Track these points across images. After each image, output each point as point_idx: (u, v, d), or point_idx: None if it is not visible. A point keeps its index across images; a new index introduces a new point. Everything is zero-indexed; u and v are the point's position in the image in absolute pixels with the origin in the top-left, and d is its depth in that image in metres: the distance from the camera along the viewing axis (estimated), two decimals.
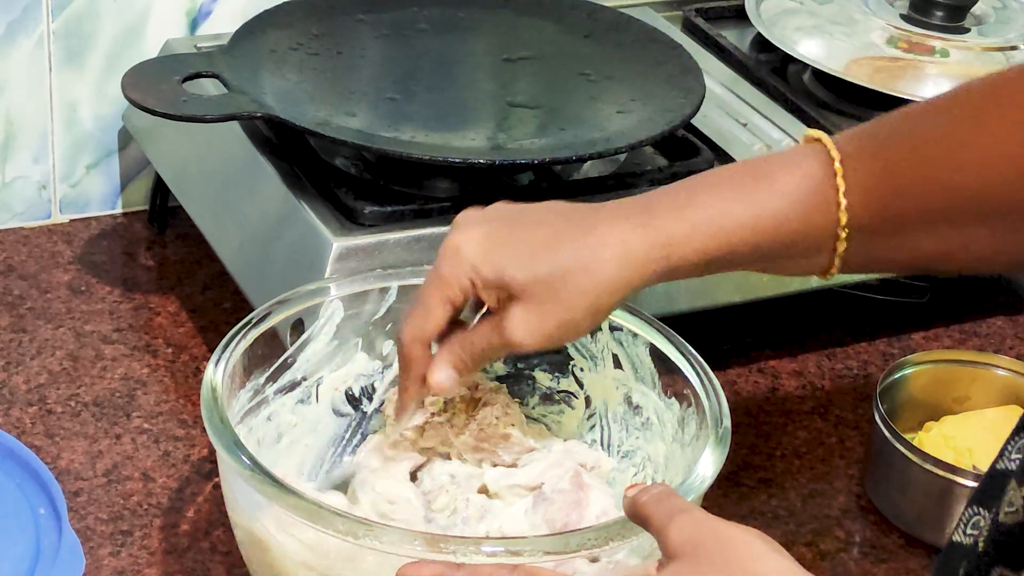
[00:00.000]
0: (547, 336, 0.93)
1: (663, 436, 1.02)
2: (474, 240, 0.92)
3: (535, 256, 0.91)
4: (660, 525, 0.79)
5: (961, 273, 1.15)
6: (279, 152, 1.18)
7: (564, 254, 0.91)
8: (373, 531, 0.85)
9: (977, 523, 0.77)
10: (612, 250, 0.91)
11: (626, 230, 0.91)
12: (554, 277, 0.91)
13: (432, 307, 0.93)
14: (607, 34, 1.30)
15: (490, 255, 0.92)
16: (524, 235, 0.93)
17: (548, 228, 0.93)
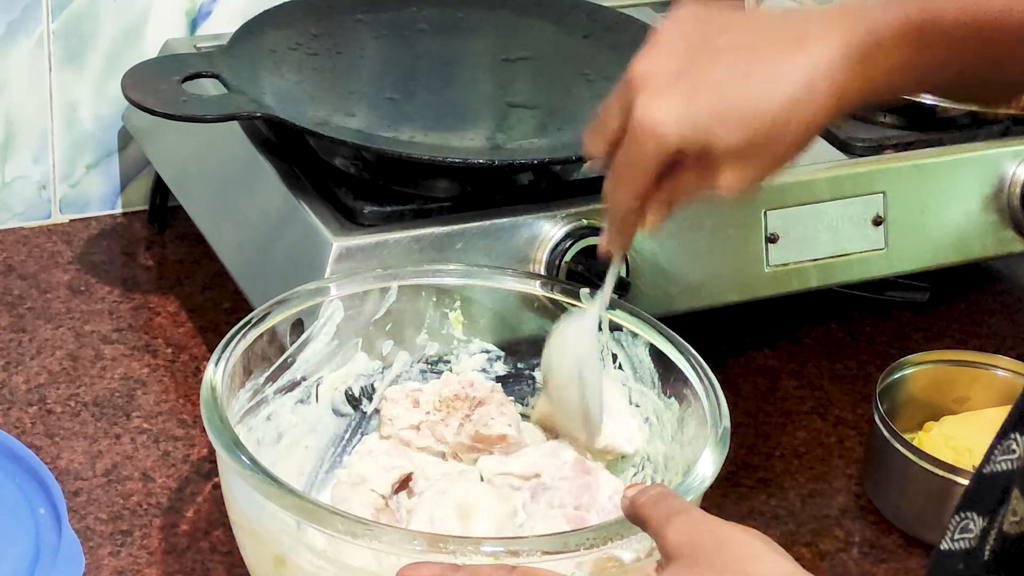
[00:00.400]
0: (760, 180, 0.89)
1: (662, 436, 1.02)
2: (674, 112, 0.86)
3: (746, 117, 0.86)
4: (658, 526, 0.79)
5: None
6: (279, 152, 1.18)
7: (776, 110, 0.86)
8: (372, 531, 0.85)
9: (967, 527, 0.77)
10: (826, 97, 0.85)
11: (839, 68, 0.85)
12: (769, 133, 0.86)
13: (644, 178, 0.88)
14: (606, 34, 1.30)
15: (696, 128, 0.86)
16: (725, 92, 0.86)
17: (750, 77, 0.86)
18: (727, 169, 0.88)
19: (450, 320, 1.07)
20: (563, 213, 1.12)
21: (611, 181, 0.91)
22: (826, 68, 0.85)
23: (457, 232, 1.10)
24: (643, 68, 0.88)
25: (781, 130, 0.86)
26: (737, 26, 0.89)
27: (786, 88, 0.86)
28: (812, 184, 1.19)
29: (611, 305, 1.05)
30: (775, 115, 0.86)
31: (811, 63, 0.86)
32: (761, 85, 0.86)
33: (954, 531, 0.78)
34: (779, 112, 0.86)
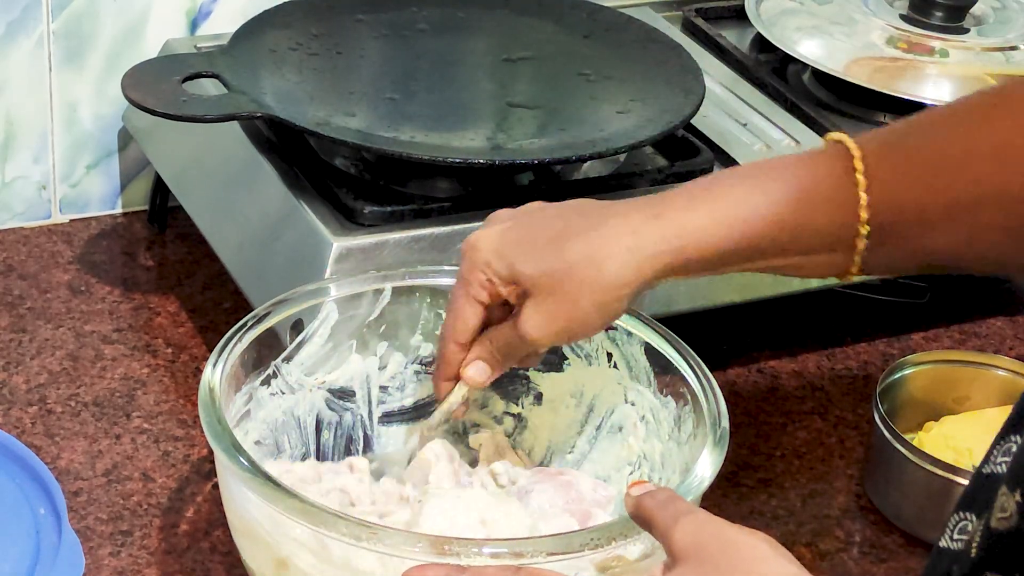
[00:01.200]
0: (557, 331, 0.93)
1: (659, 434, 1.02)
2: (490, 237, 0.94)
3: (543, 250, 0.92)
4: (664, 528, 0.79)
5: (977, 273, 1.14)
6: (279, 152, 1.18)
7: (571, 247, 0.92)
8: (376, 534, 0.85)
9: (965, 527, 0.77)
10: (621, 243, 0.91)
11: (637, 221, 0.91)
12: (560, 270, 0.91)
13: (460, 308, 0.95)
14: (607, 34, 1.30)
15: (502, 250, 0.93)
16: (537, 230, 0.94)
17: (561, 222, 0.93)
18: (528, 306, 0.93)
19: None
20: None
21: (446, 314, 0.98)
22: (623, 224, 0.91)
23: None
24: (492, 216, 0.97)
25: (576, 269, 0.91)
26: (566, 204, 0.96)
27: (586, 232, 0.92)
28: None
29: None
30: (572, 252, 0.92)
31: (613, 219, 0.92)
32: (567, 228, 0.93)
33: (952, 530, 0.78)
34: (577, 251, 0.91)
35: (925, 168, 0.89)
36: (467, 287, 0.94)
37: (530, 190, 1.17)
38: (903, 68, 1.35)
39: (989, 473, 0.78)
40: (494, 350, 0.96)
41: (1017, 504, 0.73)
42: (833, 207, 0.89)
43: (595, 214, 0.93)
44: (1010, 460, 0.77)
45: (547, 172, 1.19)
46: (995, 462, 0.78)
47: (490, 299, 0.95)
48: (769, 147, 1.25)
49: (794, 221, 0.90)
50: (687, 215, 0.91)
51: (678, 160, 1.21)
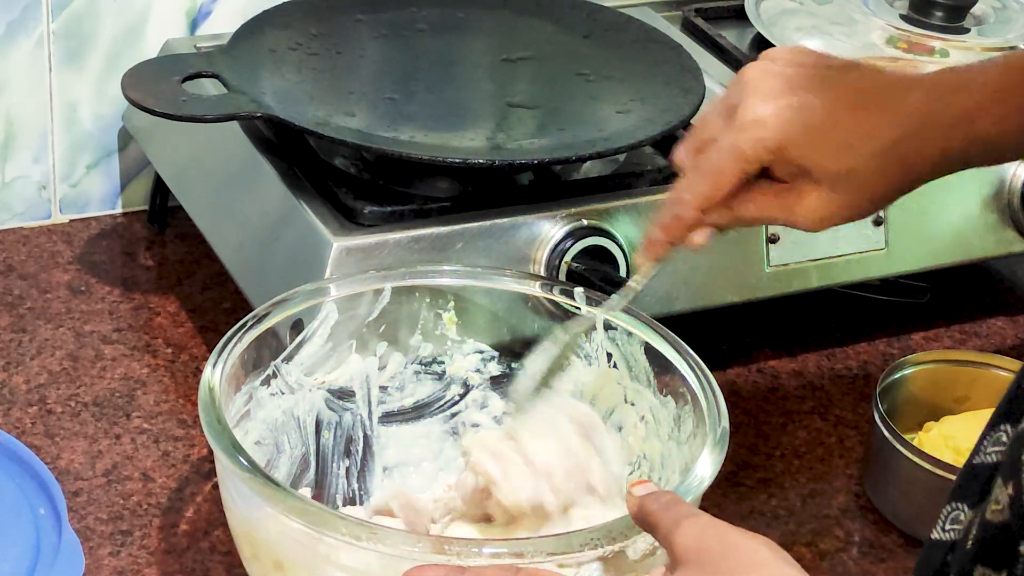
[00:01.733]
0: (836, 222, 0.89)
1: (658, 434, 1.02)
2: (781, 116, 0.86)
3: (848, 146, 0.86)
4: (666, 531, 0.79)
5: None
6: (279, 152, 1.18)
7: (886, 142, 0.86)
8: (376, 534, 0.85)
9: (957, 517, 0.77)
10: (935, 143, 0.87)
11: (944, 127, 0.87)
12: (873, 168, 0.87)
13: (727, 176, 0.88)
14: (606, 34, 1.30)
15: (802, 135, 0.86)
16: (839, 113, 0.87)
17: (865, 109, 0.87)
18: (811, 197, 0.87)
19: (444, 321, 1.07)
20: (563, 213, 1.12)
21: (690, 176, 0.89)
22: (932, 119, 0.86)
23: (457, 232, 1.10)
24: (758, 69, 0.88)
25: (885, 168, 0.87)
26: (850, 66, 0.90)
27: (898, 125, 0.86)
28: None
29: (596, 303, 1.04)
30: (883, 149, 0.86)
31: (918, 109, 0.87)
32: (872, 118, 0.86)
33: (944, 521, 0.78)
34: (888, 147, 0.86)
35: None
36: (744, 163, 0.86)
37: (530, 190, 1.17)
38: (903, 68, 1.35)
39: (979, 463, 0.78)
40: (733, 219, 0.89)
41: (1009, 497, 0.73)
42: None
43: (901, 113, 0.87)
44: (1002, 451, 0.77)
45: (547, 172, 1.19)
46: (985, 452, 0.78)
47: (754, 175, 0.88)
48: None
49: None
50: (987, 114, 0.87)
51: None
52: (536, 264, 1.11)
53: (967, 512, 0.77)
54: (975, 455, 0.78)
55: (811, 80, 0.88)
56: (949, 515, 0.78)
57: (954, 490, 0.79)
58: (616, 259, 1.12)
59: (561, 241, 1.11)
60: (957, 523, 0.77)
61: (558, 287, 1.06)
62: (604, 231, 1.12)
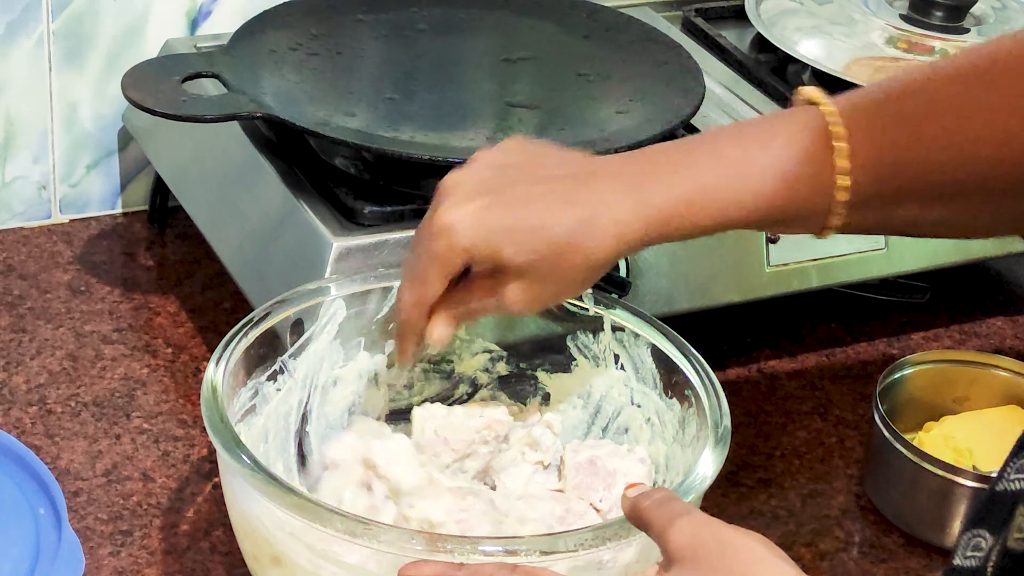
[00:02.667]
0: (542, 304, 0.94)
1: (663, 436, 1.02)
2: (468, 218, 0.91)
3: (532, 236, 0.91)
4: (661, 529, 0.79)
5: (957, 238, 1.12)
6: (279, 152, 1.18)
7: (560, 233, 0.91)
8: (371, 530, 0.85)
9: (979, 545, 0.77)
10: (608, 230, 0.91)
11: (623, 208, 0.91)
12: (552, 256, 0.91)
13: (431, 280, 0.93)
14: (606, 34, 1.30)
15: (486, 237, 0.91)
16: (518, 210, 0.91)
17: (543, 200, 0.92)
18: (513, 285, 0.92)
19: None
20: None
21: (401, 283, 0.96)
22: (608, 207, 0.91)
23: None
24: (453, 178, 0.94)
25: (563, 255, 0.91)
26: (547, 157, 0.95)
27: (571, 216, 0.91)
28: None
29: (612, 305, 1.05)
30: (558, 239, 0.91)
31: (597, 199, 0.91)
32: (550, 210, 0.91)
33: (965, 548, 0.77)
34: (562, 237, 0.91)
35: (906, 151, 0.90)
36: (442, 266, 0.92)
37: None
38: (903, 68, 1.35)
39: (1003, 490, 0.77)
40: (461, 312, 0.95)
41: None
42: (812, 188, 0.91)
43: (577, 190, 0.92)
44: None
45: None
46: (1009, 479, 0.77)
47: (459, 273, 0.94)
48: None
49: (769, 204, 0.92)
50: (668, 201, 0.92)
51: None
52: None
53: (988, 539, 0.77)
54: (998, 481, 0.78)
55: (501, 182, 0.93)
56: (970, 542, 0.77)
57: (974, 517, 0.78)
58: None
59: None
60: (978, 550, 0.77)
61: None
62: None
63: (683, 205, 0.92)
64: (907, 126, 0.90)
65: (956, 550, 0.78)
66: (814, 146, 0.91)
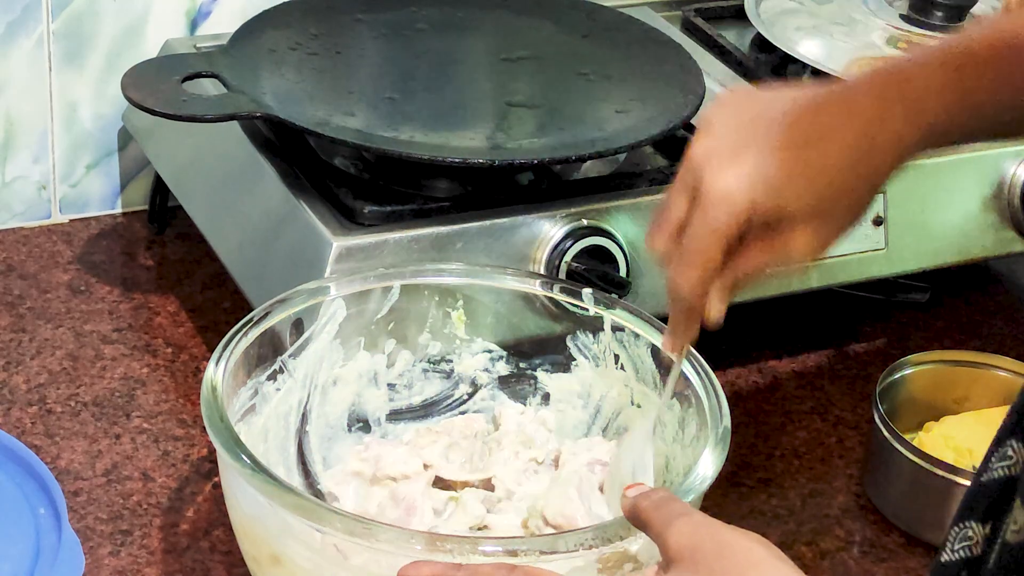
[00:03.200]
0: (830, 246, 0.90)
1: (663, 437, 1.02)
2: (744, 179, 0.87)
3: (814, 179, 0.87)
4: (660, 529, 0.79)
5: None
6: (279, 152, 1.18)
7: (844, 170, 0.88)
8: (370, 530, 0.85)
9: (966, 535, 0.77)
10: (892, 155, 0.89)
11: (899, 124, 0.88)
12: (839, 194, 0.88)
13: (712, 254, 0.88)
14: (606, 34, 1.30)
15: (765, 191, 0.87)
16: (786, 164, 0.87)
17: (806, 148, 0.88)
18: (799, 234, 0.88)
19: (453, 319, 1.07)
20: (563, 213, 1.12)
21: (677, 267, 0.90)
22: (881, 123, 0.88)
23: (457, 232, 1.10)
24: (702, 148, 0.89)
25: (848, 185, 0.88)
26: (783, 100, 0.91)
27: (847, 145, 0.88)
28: None
29: (612, 305, 1.05)
30: (841, 171, 0.87)
31: (865, 120, 0.88)
32: (822, 145, 0.87)
33: (954, 541, 0.78)
34: (845, 167, 0.88)
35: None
36: (724, 236, 0.87)
37: (530, 189, 1.17)
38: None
39: (987, 480, 0.77)
40: (738, 283, 0.90)
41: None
42: None
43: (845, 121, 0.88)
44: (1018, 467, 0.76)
45: (547, 172, 1.19)
46: (993, 468, 0.78)
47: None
48: None
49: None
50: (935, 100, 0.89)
51: (678, 160, 1.20)
52: (536, 264, 1.11)
53: (977, 528, 0.77)
54: (982, 472, 0.78)
55: (754, 136, 0.89)
56: (959, 534, 0.78)
57: (962, 509, 0.78)
58: (616, 259, 1.12)
59: (561, 241, 1.11)
60: (967, 540, 0.77)
61: (560, 286, 1.06)
62: (604, 231, 1.12)
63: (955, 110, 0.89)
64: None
65: (944, 545, 0.78)
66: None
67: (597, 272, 1.10)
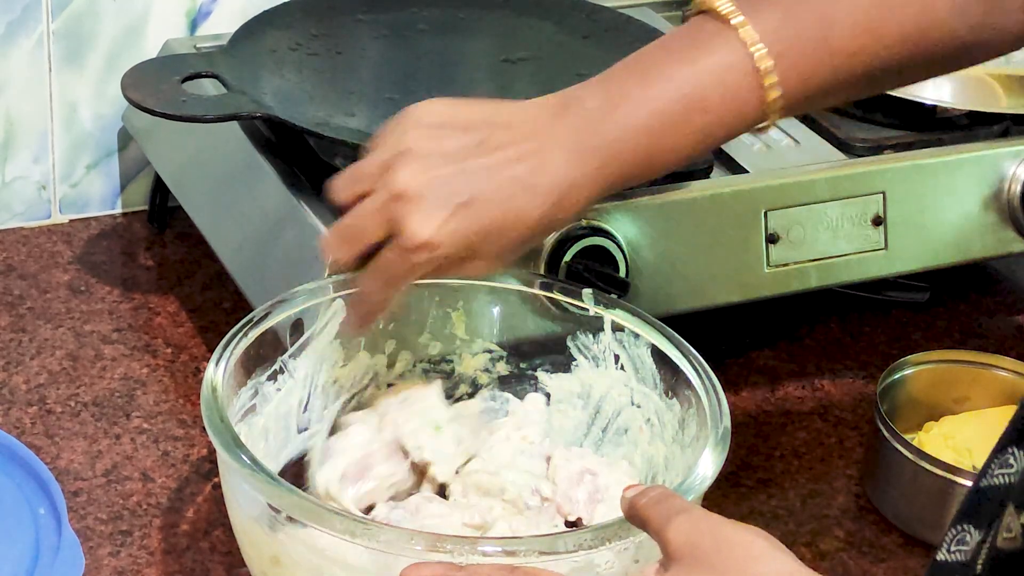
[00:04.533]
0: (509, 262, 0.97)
1: (663, 437, 1.02)
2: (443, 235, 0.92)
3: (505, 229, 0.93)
4: (659, 526, 0.79)
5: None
6: (279, 152, 1.18)
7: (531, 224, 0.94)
8: (370, 530, 0.85)
9: (963, 539, 0.77)
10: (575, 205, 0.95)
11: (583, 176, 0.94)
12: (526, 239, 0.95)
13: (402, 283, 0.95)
14: (606, 35, 1.30)
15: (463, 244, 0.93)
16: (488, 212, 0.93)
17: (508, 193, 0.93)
18: (479, 262, 0.95)
19: (453, 320, 1.07)
20: None
21: (369, 279, 0.96)
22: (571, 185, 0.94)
23: None
24: (405, 181, 0.92)
25: (537, 234, 0.96)
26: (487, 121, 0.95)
27: (538, 205, 0.93)
28: (812, 184, 1.19)
29: (612, 305, 1.05)
30: (533, 225, 0.94)
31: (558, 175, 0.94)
32: (519, 204, 0.93)
33: (951, 543, 0.78)
34: (537, 222, 0.94)
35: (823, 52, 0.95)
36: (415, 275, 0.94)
37: None
38: None
39: (987, 486, 0.78)
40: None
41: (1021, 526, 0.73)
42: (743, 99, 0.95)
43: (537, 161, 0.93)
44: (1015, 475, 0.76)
45: None
46: (993, 475, 0.78)
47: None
48: (769, 147, 1.25)
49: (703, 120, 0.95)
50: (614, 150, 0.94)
51: None
52: (536, 264, 1.11)
53: (974, 533, 0.77)
54: (982, 478, 0.78)
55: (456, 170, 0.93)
56: (956, 537, 0.78)
57: (960, 513, 0.79)
58: (615, 259, 1.12)
59: (561, 241, 1.11)
60: (963, 544, 0.77)
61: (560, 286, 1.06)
62: (603, 231, 1.12)
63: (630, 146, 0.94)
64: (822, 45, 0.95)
65: (941, 545, 0.78)
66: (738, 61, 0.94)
67: (597, 272, 1.10)
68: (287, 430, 1.03)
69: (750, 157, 1.23)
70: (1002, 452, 0.78)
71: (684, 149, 0.96)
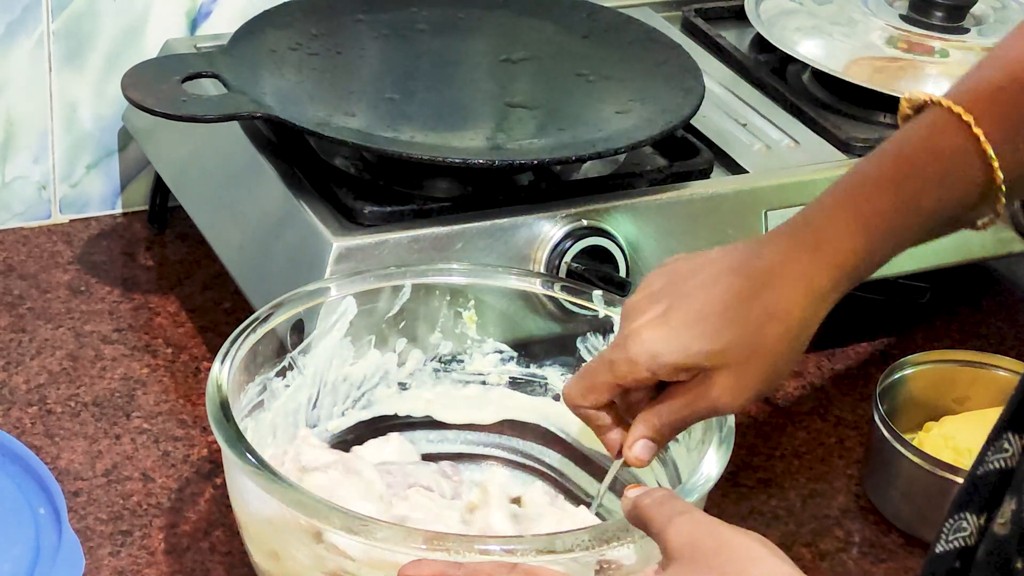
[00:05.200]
0: (756, 392, 0.91)
1: None
2: (656, 327, 0.90)
3: (721, 324, 0.89)
4: (660, 527, 0.79)
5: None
6: (279, 152, 1.18)
7: (751, 312, 0.89)
8: (368, 527, 0.86)
9: (960, 527, 0.77)
10: (797, 292, 0.89)
11: (804, 264, 0.90)
12: (748, 336, 0.89)
13: (598, 387, 0.92)
14: (606, 34, 1.30)
15: (676, 339, 0.89)
16: (699, 305, 0.89)
17: (721, 287, 0.90)
18: (725, 382, 0.89)
19: (464, 319, 1.07)
20: (563, 213, 1.12)
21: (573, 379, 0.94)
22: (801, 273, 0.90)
23: (457, 232, 1.10)
24: (632, 305, 0.92)
25: (766, 331, 0.89)
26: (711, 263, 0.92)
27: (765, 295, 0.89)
28: (812, 184, 1.19)
29: (615, 304, 1.05)
30: (756, 320, 0.89)
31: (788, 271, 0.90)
32: (740, 296, 0.89)
33: (948, 533, 0.78)
34: (764, 313, 0.89)
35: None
36: (618, 378, 0.91)
37: (530, 190, 1.17)
38: (903, 68, 1.35)
39: (982, 472, 0.78)
40: (662, 426, 0.92)
41: (1012, 512, 0.73)
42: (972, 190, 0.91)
43: (755, 267, 0.90)
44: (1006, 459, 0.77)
45: (547, 172, 1.19)
46: (988, 461, 0.78)
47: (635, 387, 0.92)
48: (769, 147, 1.25)
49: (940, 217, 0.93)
50: (843, 241, 0.91)
51: (678, 160, 1.21)
52: (536, 264, 1.11)
53: (971, 519, 0.77)
54: (978, 465, 0.78)
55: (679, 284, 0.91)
56: (953, 526, 0.78)
57: (957, 502, 0.79)
58: (615, 259, 1.12)
59: (561, 241, 1.11)
60: (961, 531, 0.77)
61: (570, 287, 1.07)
62: (604, 231, 1.12)
63: (859, 241, 0.91)
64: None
65: (938, 538, 0.78)
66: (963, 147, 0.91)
67: (597, 272, 1.10)
68: (295, 427, 1.03)
69: (750, 157, 1.23)
70: (997, 438, 0.78)
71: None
